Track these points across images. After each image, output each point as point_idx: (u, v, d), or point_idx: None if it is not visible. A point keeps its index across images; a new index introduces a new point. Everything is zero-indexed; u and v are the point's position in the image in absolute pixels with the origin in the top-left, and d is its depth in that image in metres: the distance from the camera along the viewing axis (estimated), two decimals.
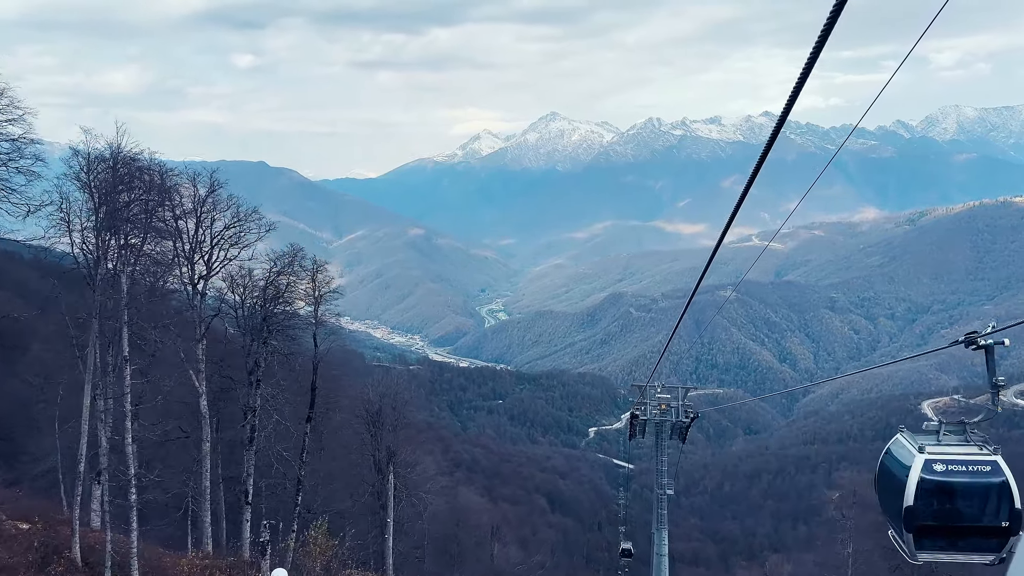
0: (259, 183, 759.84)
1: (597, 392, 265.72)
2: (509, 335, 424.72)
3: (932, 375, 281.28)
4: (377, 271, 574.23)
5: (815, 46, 5.97)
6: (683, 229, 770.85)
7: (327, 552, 28.73)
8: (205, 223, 33.86)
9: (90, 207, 24.94)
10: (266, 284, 35.23)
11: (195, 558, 27.69)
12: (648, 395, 40.55)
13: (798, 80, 6.41)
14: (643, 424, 41.59)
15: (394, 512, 44.75)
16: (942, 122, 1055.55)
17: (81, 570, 23.72)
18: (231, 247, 34.48)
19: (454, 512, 66.72)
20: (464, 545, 62.12)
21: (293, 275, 36.08)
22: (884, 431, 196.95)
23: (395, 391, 50.45)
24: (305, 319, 37.48)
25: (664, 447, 40.85)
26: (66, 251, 25.78)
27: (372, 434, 45.96)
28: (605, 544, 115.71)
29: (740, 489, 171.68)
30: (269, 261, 36.16)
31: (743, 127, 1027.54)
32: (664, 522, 41.36)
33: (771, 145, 7.38)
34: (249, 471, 34.25)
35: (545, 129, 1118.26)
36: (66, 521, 24.75)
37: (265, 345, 34.41)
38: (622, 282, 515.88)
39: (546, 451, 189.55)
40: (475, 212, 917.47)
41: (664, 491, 40.89)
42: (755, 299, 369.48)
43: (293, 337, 37.78)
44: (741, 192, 8.48)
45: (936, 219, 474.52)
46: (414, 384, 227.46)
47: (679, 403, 40.26)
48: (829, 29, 5.74)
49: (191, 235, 33.43)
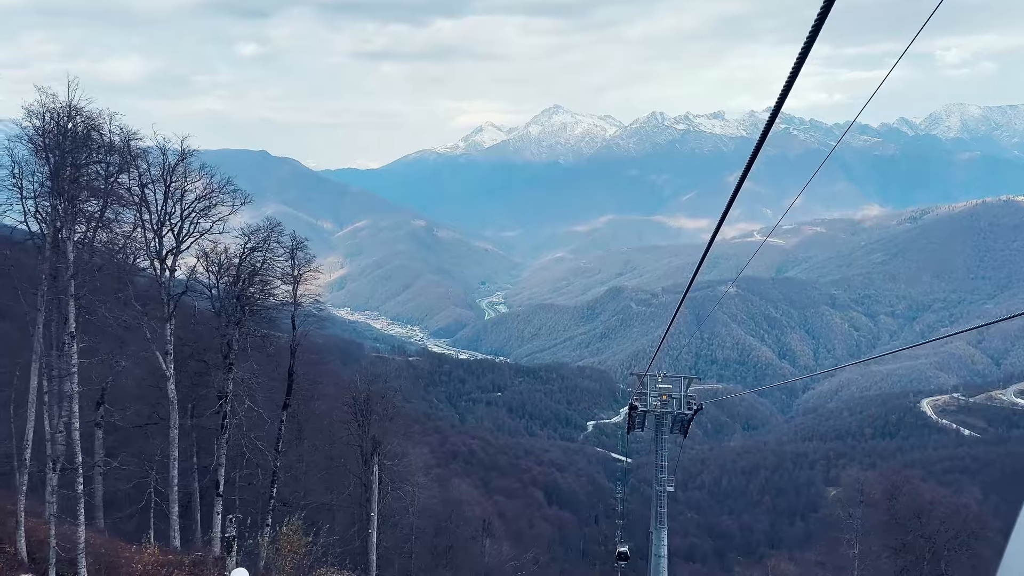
0: (261, 172, 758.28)
1: (596, 386, 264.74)
2: (509, 328, 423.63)
3: (931, 373, 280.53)
4: (378, 262, 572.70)
5: (806, 40, 5.99)
6: (685, 224, 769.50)
7: (299, 550, 26.90)
8: (175, 193, 31.31)
9: (44, 172, 23.13)
10: (240, 261, 32.82)
11: (155, 553, 25.68)
12: (648, 385, 38.88)
13: (790, 73, 6.50)
14: (642, 416, 39.75)
15: (379, 505, 42.58)
16: (946, 120, 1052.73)
17: (26, 565, 21.99)
18: (202, 219, 32.14)
19: (447, 505, 64.77)
20: (455, 539, 60.16)
21: (269, 252, 33.65)
22: (883, 429, 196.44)
23: (385, 379, 48.80)
24: (283, 300, 34.84)
25: (664, 441, 39.03)
26: (21, 220, 23.91)
27: (360, 423, 43.69)
28: (602, 538, 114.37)
29: (738, 485, 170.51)
30: (244, 236, 33.62)
31: (746, 122, 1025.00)
32: (664, 521, 39.69)
33: (764, 139, 7.44)
34: (220, 460, 31.99)
35: (548, 122, 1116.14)
36: (12, 512, 22.97)
37: (239, 326, 32.05)
38: (623, 276, 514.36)
39: (544, 444, 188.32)
40: (476, 204, 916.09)
41: (664, 488, 39.14)
42: (756, 295, 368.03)
43: (272, 319, 35.67)
44: (734, 187, 8.54)
45: (938, 217, 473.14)
46: (408, 373, 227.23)
47: (681, 394, 38.66)
48: (820, 23, 5.78)
49: (159, 205, 30.96)
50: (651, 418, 39.18)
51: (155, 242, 31.29)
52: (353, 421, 44.31)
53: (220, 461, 31.96)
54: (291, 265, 34.57)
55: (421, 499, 51.23)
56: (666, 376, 39.92)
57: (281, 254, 34.36)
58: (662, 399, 37.87)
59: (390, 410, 46.84)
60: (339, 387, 51.65)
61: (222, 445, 32.06)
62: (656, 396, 38.22)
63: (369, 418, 43.93)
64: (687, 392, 39.05)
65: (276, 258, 33.96)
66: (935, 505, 51.43)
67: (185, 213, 31.79)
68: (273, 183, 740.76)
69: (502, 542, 66.01)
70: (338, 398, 49.26)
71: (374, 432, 43.27)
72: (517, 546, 77.08)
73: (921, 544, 48.22)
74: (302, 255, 35.29)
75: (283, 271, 34.36)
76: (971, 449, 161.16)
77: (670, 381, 39.28)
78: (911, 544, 48.53)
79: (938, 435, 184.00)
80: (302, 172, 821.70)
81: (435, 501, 61.73)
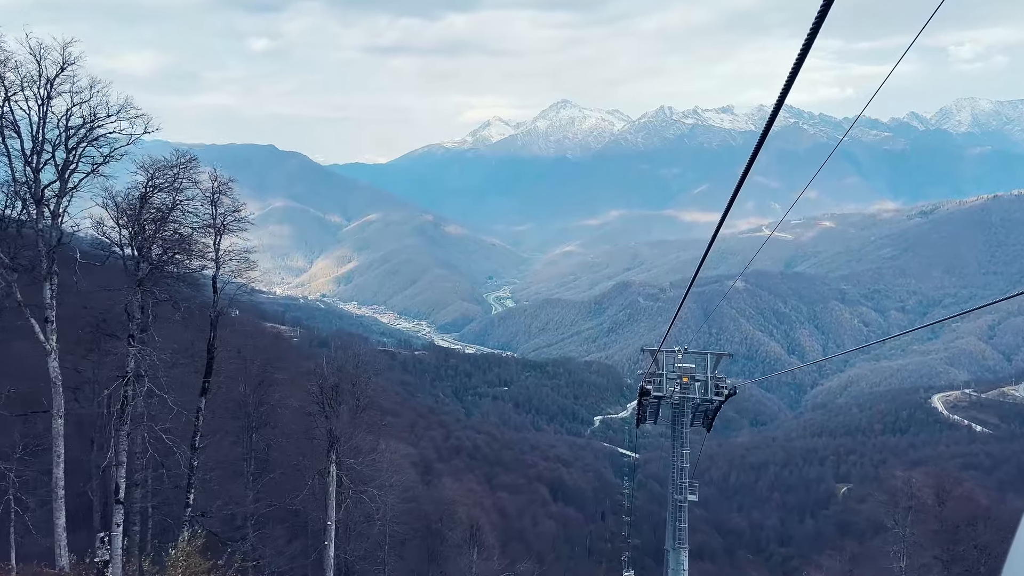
0: (268, 167, 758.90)
1: (603, 381, 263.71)
2: (516, 322, 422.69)
3: (941, 369, 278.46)
4: (385, 256, 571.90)
5: (806, 40, 6.18)
6: (697, 218, 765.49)
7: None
8: (57, 111, 24.26)
9: None
10: (141, 203, 25.91)
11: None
12: (664, 365, 31.64)
13: (790, 72, 6.54)
14: (656, 405, 32.49)
15: (341, 512, 36.20)
16: (956, 115, 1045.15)
17: None
18: (91, 146, 25.33)
19: (438, 506, 58.30)
20: (441, 546, 53.76)
21: (181, 193, 27.05)
22: (893, 425, 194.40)
23: (357, 365, 41.69)
24: (202, 255, 28.47)
25: (684, 436, 31.55)
26: None
27: (326, 416, 37.26)
28: (608, 535, 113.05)
29: (746, 481, 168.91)
30: (145, 171, 26.36)
31: (755, 116, 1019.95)
32: (684, 538, 32.51)
33: (765, 135, 7.69)
34: (120, 458, 25.78)
35: (555, 117, 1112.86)
36: None
37: (141, 287, 25.70)
38: (631, 271, 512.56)
39: (550, 439, 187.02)
40: (484, 199, 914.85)
41: (684, 497, 31.86)
42: (764, 290, 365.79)
43: (193, 281, 30.07)
44: (737, 180, 8.54)
45: (949, 212, 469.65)
46: (414, 368, 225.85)
47: (708, 375, 31.19)
48: (820, 21, 6.04)
49: (33, 126, 24.07)
50: (666, 407, 32.35)
51: (29, 177, 24.51)
52: (320, 413, 37.55)
53: (120, 459, 25.80)
54: (211, 214, 28.74)
55: (391, 503, 43.75)
56: (687, 352, 32.23)
57: (197, 197, 28.21)
58: (682, 381, 30.81)
59: (362, 399, 40.05)
60: (305, 373, 45.16)
61: (121, 439, 25.94)
62: (675, 377, 31.21)
63: (337, 409, 37.57)
64: (715, 373, 31.50)
65: (190, 202, 27.75)
66: (989, 511, 45.92)
67: (68, 138, 24.91)
68: (281, 177, 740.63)
69: (493, 551, 59.41)
70: (300, 385, 42.74)
71: (331, 425, 36.30)
72: (519, 546, 75.20)
73: (975, 555, 42.11)
74: (228, 202, 29.27)
75: (203, 222, 28.20)
76: (985, 446, 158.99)
77: (692, 359, 31.89)
78: (962, 556, 42.88)
79: (950, 431, 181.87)
80: (310, 166, 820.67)
81: (422, 503, 56.58)
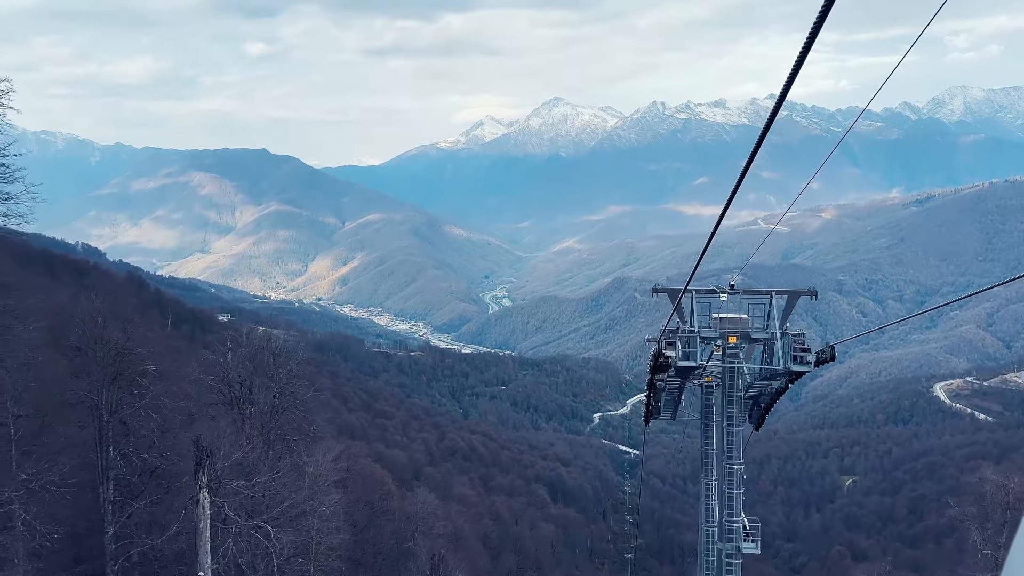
0: (261, 171, 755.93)
1: (602, 377, 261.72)
2: (513, 321, 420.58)
3: (942, 358, 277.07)
4: (380, 258, 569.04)
5: (809, 34, 6.18)
6: (688, 212, 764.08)
7: None
8: None
9: None
10: None
11: None
12: (693, 315, 19.98)
13: (790, 72, 6.58)
14: (678, 387, 22.29)
15: (214, 557, 22.92)
16: (949, 103, 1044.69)
17: None
18: None
19: (409, 522, 49.01)
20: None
21: None
22: (896, 415, 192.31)
23: (275, 353, 34.81)
24: None
25: (731, 438, 20.16)
26: None
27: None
28: (610, 535, 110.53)
29: (749, 475, 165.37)
30: None
31: (748, 110, 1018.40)
32: None
33: (766, 131, 7.64)
34: None
35: (548, 115, 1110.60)
36: None
37: None
38: (627, 267, 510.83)
39: (549, 438, 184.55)
40: (478, 199, 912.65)
41: (737, 548, 19.98)
42: (762, 283, 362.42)
43: None
44: (737, 179, 8.39)
45: (944, 200, 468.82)
46: (411, 368, 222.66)
47: (776, 329, 18.95)
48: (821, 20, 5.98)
49: None
50: (689, 388, 21.67)
51: None
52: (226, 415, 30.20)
53: None
54: None
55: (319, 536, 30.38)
56: (734, 290, 20.47)
57: None
58: (727, 343, 19.68)
59: (279, 399, 32.02)
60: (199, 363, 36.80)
61: None
62: (713, 336, 19.74)
63: (248, 411, 30.67)
64: (785, 327, 19.22)
65: None
66: None
67: None
68: (274, 181, 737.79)
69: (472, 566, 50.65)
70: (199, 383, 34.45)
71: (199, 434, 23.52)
72: (516, 553, 72.45)
73: None
74: None
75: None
76: (991, 434, 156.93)
77: (742, 303, 20.23)
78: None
79: (953, 420, 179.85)
80: (303, 170, 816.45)
81: (386, 521, 48.44)
